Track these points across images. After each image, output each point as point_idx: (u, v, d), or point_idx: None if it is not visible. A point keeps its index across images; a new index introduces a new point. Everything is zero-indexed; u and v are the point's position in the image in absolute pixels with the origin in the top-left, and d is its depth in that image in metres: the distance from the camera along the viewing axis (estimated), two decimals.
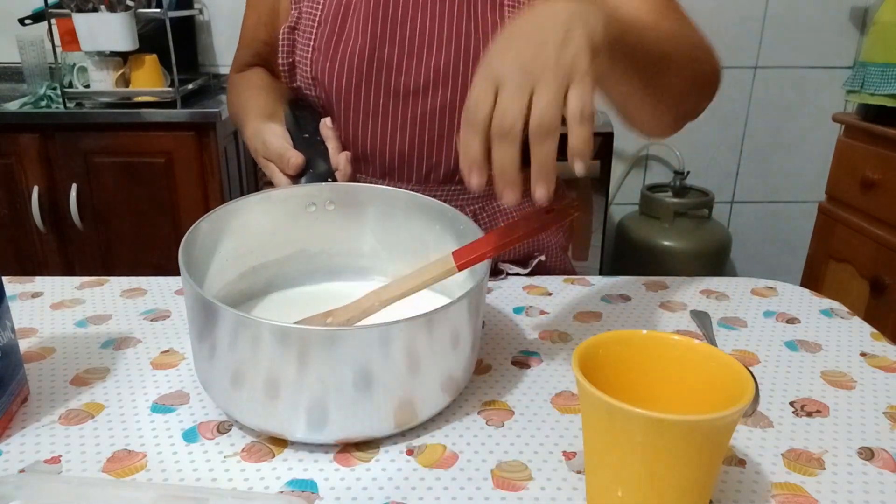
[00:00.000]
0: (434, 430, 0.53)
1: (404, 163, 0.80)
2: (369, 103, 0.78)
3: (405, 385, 0.49)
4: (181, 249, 0.53)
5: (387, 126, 0.79)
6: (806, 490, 0.47)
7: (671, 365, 0.46)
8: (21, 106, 1.80)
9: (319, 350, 0.45)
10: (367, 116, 0.79)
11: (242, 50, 0.93)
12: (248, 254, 0.64)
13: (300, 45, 0.79)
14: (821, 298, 0.78)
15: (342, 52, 0.77)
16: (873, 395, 0.59)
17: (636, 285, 0.81)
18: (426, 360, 0.49)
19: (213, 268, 0.60)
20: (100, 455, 0.49)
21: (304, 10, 0.79)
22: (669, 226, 2.07)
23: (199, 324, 0.50)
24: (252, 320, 0.46)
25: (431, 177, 0.81)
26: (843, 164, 1.72)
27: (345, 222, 0.66)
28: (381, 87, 0.77)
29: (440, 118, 0.78)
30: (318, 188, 0.65)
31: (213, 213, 0.59)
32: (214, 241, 0.60)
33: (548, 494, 0.46)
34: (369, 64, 0.76)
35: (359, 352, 0.46)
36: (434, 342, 0.49)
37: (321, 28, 0.78)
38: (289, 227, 0.65)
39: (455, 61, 0.76)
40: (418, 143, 0.79)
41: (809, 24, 2.15)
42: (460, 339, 0.51)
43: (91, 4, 1.72)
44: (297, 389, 0.47)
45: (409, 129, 0.78)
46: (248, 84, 0.88)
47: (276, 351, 0.46)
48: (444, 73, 0.76)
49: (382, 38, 0.76)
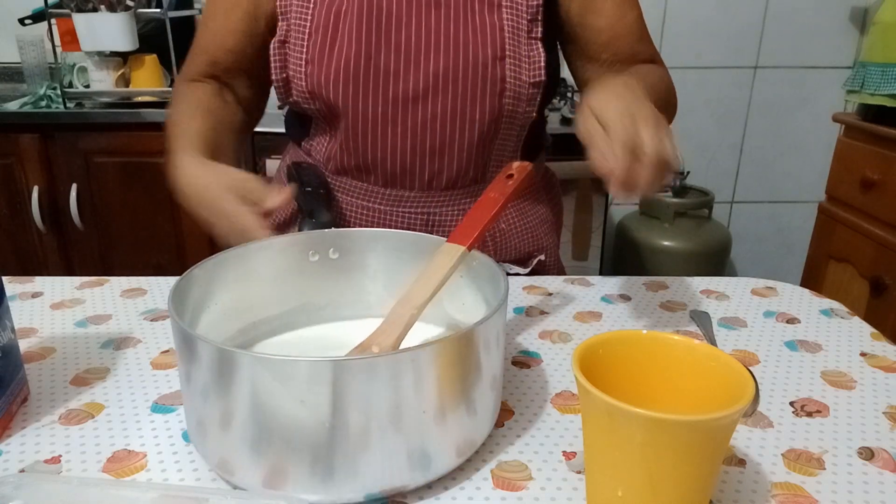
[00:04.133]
0: None
1: (407, 170, 0.78)
2: (368, 112, 0.76)
3: (448, 404, 0.45)
4: (170, 298, 0.47)
5: (387, 134, 0.77)
6: (806, 490, 0.47)
7: (671, 365, 0.46)
8: (21, 106, 1.80)
9: (381, 378, 0.41)
10: (367, 125, 0.77)
11: (199, 56, 0.85)
12: (247, 309, 0.60)
13: (292, 59, 0.77)
14: (821, 298, 0.78)
15: (336, 62, 0.74)
16: (873, 395, 0.59)
17: (636, 285, 0.81)
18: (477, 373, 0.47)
19: (204, 321, 0.55)
20: (100, 455, 0.49)
21: (292, 22, 0.76)
22: (669, 226, 2.07)
23: (210, 379, 0.43)
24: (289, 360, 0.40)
25: (434, 183, 0.80)
26: (843, 164, 1.72)
27: (349, 270, 0.63)
28: (380, 95, 0.75)
29: (441, 124, 0.76)
30: (320, 235, 0.62)
31: (208, 262, 0.54)
32: (209, 292, 0.55)
33: (548, 494, 0.46)
34: (366, 72, 0.74)
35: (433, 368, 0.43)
36: (486, 354, 0.47)
37: (313, 39, 0.75)
38: (291, 278, 0.61)
39: (454, 66, 0.74)
40: (420, 150, 0.77)
41: (809, 24, 2.15)
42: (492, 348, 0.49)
43: (91, 4, 1.72)
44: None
45: (410, 137, 0.77)
46: (197, 104, 0.81)
47: (320, 391, 0.41)
48: (444, 79, 0.74)
49: (378, 45, 0.74)
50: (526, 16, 0.75)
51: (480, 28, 0.74)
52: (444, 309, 0.61)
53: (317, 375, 0.40)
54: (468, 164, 0.79)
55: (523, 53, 0.75)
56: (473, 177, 0.81)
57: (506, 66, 0.74)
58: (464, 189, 0.81)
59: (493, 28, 0.74)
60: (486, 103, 0.75)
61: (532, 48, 0.76)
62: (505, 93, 0.75)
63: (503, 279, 0.51)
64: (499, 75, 0.74)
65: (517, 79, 0.75)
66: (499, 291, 0.51)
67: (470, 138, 0.77)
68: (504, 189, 0.58)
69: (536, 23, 0.76)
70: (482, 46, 0.74)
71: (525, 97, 0.76)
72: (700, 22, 2.13)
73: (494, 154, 0.81)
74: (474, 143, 0.77)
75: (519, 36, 0.75)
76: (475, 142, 0.77)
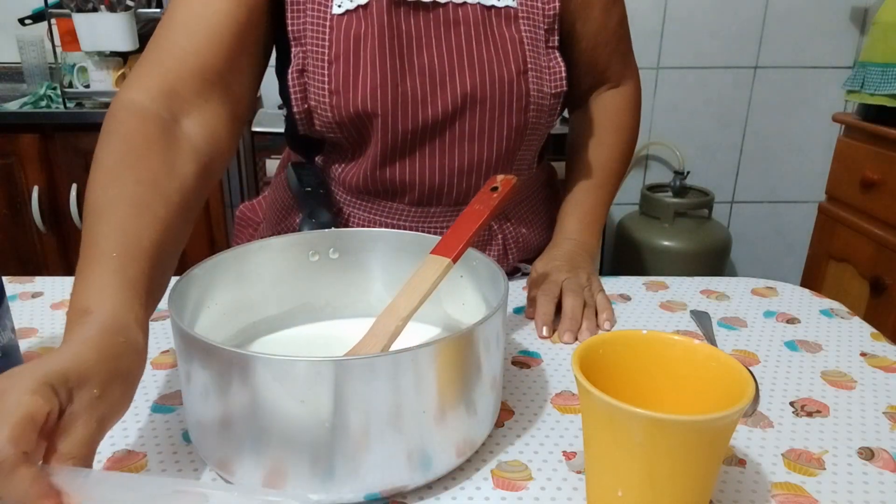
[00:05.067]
0: None
1: (435, 190, 0.77)
2: (397, 137, 0.74)
3: (447, 403, 0.45)
4: (170, 298, 0.48)
5: (415, 157, 0.75)
6: (806, 490, 0.47)
7: (671, 365, 0.46)
8: (21, 106, 1.80)
9: (381, 378, 0.41)
10: (395, 151, 0.75)
11: (156, 66, 0.64)
12: (247, 309, 0.60)
13: (314, 88, 0.72)
14: (821, 298, 0.78)
15: (363, 92, 0.71)
16: (873, 395, 0.59)
17: (636, 285, 0.81)
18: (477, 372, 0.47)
19: (204, 321, 0.55)
20: (100, 455, 0.49)
21: (309, 49, 0.71)
22: (669, 226, 2.07)
23: (213, 379, 0.43)
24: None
25: (463, 199, 0.78)
26: (843, 164, 1.72)
27: (349, 270, 0.63)
28: (409, 121, 0.73)
29: (469, 143, 0.75)
30: (320, 235, 0.62)
31: (208, 262, 0.54)
32: (208, 292, 0.55)
33: (548, 494, 0.46)
34: (393, 99, 0.72)
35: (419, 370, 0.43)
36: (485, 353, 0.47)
37: (334, 68, 0.71)
38: (291, 278, 0.61)
39: (481, 85, 0.73)
40: (449, 169, 0.76)
41: (809, 24, 2.15)
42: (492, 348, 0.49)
43: (91, 4, 1.72)
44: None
45: (439, 158, 0.76)
46: (136, 181, 0.53)
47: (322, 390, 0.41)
48: (472, 98, 0.73)
49: (402, 71, 0.72)
50: (543, 25, 0.75)
51: (501, 44, 0.74)
52: (444, 309, 0.61)
53: (317, 375, 0.40)
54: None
55: (543, 65, 0.75)
56: None
57: (529, 80, 0.74)
58: None
59: (513, 42, 0.74)
60: (513, 118, 0.75)
61: (551, 59, 0.76)
62: (529, 106, 0.75)
63: (503, 279, 0.51)
64: (523, 90, 0.74)
65: (540, 91, 0.75)
66: (499, 291, 0.51)
67: (498, 154, 0.77)
68: (489, 202, 0.58)
69: (553, 31, 0.76)
70: (505, 63, 0.74)
71: (547, 108, 0.77)
72: (700, 22, 2.13)
73: (516, 164, 0.81)
74: (502, 158, 0.77)
75: (538, 47, 0.75)
76: (502, 155, 0.77)
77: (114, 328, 0.42)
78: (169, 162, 0.57)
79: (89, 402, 0.38)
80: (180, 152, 0.59)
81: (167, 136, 0.59)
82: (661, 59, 2.16)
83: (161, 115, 0.60)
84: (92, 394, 0.38)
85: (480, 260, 0.57)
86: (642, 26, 2.10)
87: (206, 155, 0.62)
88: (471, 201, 0.59)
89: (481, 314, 0.47)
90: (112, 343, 0.41)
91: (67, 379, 0.37)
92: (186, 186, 0.57)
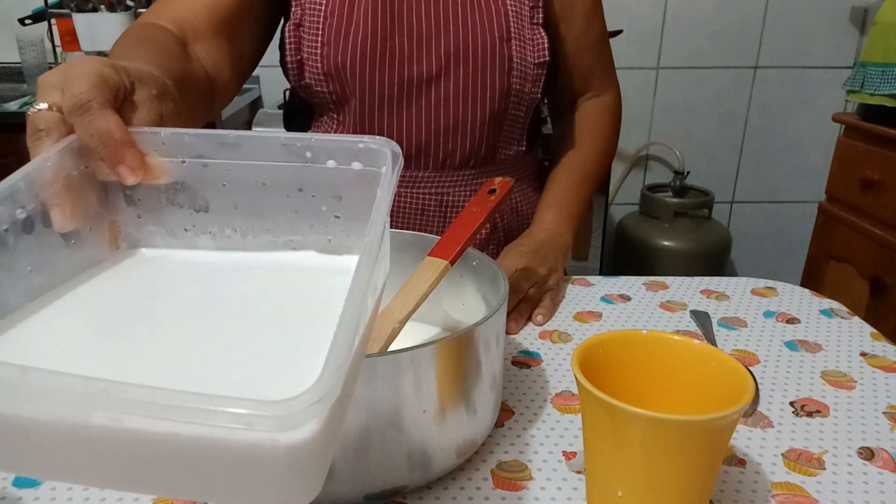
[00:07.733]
0: None
1: (421, 151, 0.82)
2: (384, 94, 0.79)
3: (449, 402, 0.45)
4: None
5: (402, 114, 0.80)
6: (806, 490, 0.47)
7: (671, 365, 0.46)
8: (21, 106, 1.80)
9: (381, 378, 0.41)
10: (381, 107, 0.80)
11: (169, 4, 0.71)
12: None
13: (307, 41, 0.79)
14: (821, 298, 0.78)
15: (353, 44, 0.77)
16: (873, 395, 0.59)
17: (636, 285, 0.82)
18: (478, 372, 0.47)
19: None
20: None
21: (306, 5, 0.79)
22: (669, 226, 2.07)
23: None
24: None
25: (447, 163, 0.83)
26: (843, 164, 1.72)
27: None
28: (395, 77, 0.78)
29: (454, 102, 0.80)
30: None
31: None
32: None
33: (548, 494, 0.46)
34: (382, 54, 0.78)
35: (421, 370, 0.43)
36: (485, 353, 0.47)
37: (328, 22, 0.78)
38: None
39: (464, 47, 0.78)
40: (434, 128, 0.80)
41: (809, 24, 2.15)
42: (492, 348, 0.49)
43: (91, 4, 1.72)
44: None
45: (423, 117, 0.80)
46: (150, 40, 0.63)
47: None
48: (455, 59, 0.78)
49: (391, 28, 0.78)
50: (528, 3, 0.81)
51: (486, 12, 0.79)
52: (444, 309, 0.61)
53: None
54: (480, 142, 0.83)
55: (527, 36, 0.81)
56: (485, 157, 0.85)
57: (512, 47, 0.79)
58: (476, 169, 0.85)
59: (497, 13, 0.79)
60: (496, 81, 0.80)
61: (535, 32, 0.81)
62: (512, 72, 0.80)
63: (503, 279, 0.51)
64: (506, 55, 0.79)
65: (523, 59, 0.80)
66: (499, 291, 0.51)
67: (482, 116, 0.81)
68: (486, 204, 0.59)
69: (538, 10, 0.81)
70: (489, 28, 0.79)
71: (531, 77, 0.81)
72: (700, 22, 2.13)
73: (504, 135, 0.85)
74: (486, 121, 0.81)
75: (522, 20, 0.80)
76: (486, 119, 0.81)
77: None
78: (182, 56, 0.65)
79: (149, 97, 0.41)
80: (190, 60, 0.67)
81: (179, 45, 0.67)
82: (661, 59, 2.16)
83: (174, 34, 0.68)
84: (151, 93, 0.42)
85: (480, 260, 0.57)
86: (642, 26, 2.10)
87: (211, 75, 0.70)
88: (468, 204, 0.60)
89: (481, 314, 0.48)
90: (162, 83, 0.45)
91: (129, 72, 0.41)
92: (200, 77, 0.67)
